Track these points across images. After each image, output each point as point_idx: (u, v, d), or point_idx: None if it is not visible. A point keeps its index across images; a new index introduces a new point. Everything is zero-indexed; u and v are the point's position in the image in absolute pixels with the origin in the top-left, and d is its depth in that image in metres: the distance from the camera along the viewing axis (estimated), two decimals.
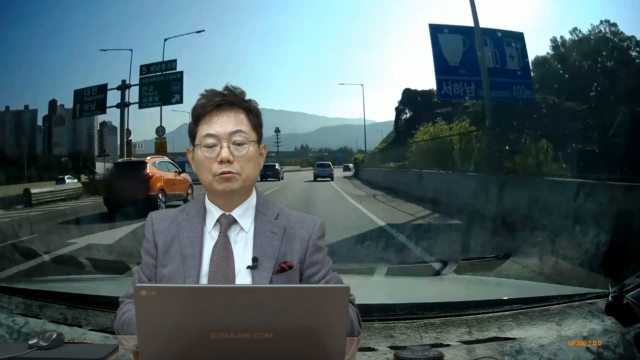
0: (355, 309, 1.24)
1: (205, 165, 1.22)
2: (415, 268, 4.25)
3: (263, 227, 1.24)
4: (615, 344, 1.43)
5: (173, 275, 1.21)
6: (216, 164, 1.20)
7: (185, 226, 1.25)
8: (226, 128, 1.21)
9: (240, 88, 1.26)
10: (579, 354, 1.39)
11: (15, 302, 1.85)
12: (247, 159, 1.22)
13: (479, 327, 1.57)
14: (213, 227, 1.24)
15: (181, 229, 1.25)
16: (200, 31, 14.81)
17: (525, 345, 1.44)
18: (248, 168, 1.22)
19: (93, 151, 20.08)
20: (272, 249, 1.22)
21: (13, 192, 12.38)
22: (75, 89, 14.09)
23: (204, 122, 1.22)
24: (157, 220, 1.28)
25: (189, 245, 1.22)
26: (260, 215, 1.26)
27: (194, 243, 1.23)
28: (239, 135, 1.21)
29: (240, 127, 1.22)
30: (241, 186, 1.22)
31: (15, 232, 7.07)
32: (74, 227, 8.29)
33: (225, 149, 1.20)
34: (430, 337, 1.54)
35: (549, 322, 1.57)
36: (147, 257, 1.27)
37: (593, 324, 1.53)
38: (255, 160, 1.25)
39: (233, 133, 1.21)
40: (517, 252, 4.59)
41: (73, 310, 1.74)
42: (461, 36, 11.30)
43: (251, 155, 1.23)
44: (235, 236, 1.24)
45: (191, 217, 1.26)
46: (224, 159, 1.19)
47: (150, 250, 1.26)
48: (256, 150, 1.25)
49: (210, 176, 1.21)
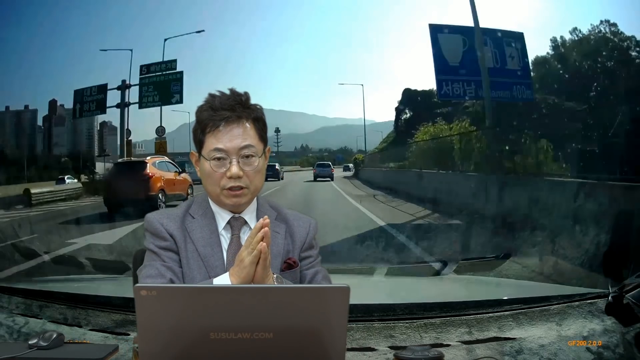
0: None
1: (213, 178, 1.21)
2: (415, 268, 4.25)
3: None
4: (615, 344, 1.43)
5: (196, 276, 1.20)
6: (225, 179, 1.20)
7: (195, 227, 1.24)
8: (235, 143, 1.19)
9: (244, 93, 1.24)
10: (579, 354, 1.39)
11: (15, 302, 1.85)
12: (256, 171, 1.22)
13: (479, 327, 1.57)
14: (223, 229, 1.25)
15: (191, 231, 1.24)
16: (200, 31, 14.78)
17: (525, 345, 1.44)
18: (256, 180, 1.23)
19: (93, 151, 20.07)
20: (277, 247, 1.23)
21: (13, 192, 12.37)
22: (75, 89, 14.08)
23: (212, 135, 1.20)
24: (164, 220, 1.25)
25: (207, 246, 1.22)
26: (262, 214, 1.26)
27: (213, 244, 1.22)
28: (248, 150, 1.20)
29: (249, 142, 1.21)
30: (250, 199, 1.24)
31: (15, 232, 7.06)
32: (74, 227, 8.28)
33: (235, 165, 1.19)
34: (430, 337, 1.53)
35: (549, 322, 1.57)
36: (170, 253, 1.22)
37: (593, 324, 1.53)
38: (263, 170, 1.26)
39: (242, 148, 1.20)
40: (517, 252, 4.60)
41: (73, 310, 1.73)
42: (461, 36, 11.30)
43: (260, 168, 1.23)
44: (244, 236, 1.24)
45: (198, 220, 1.26)
46: (234, 175, 1.19)
47: (171, 247, 1.22)
48: (264, 160, 1.25)
49: (218, 189, 1.21)
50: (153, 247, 1.23)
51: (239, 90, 1.26)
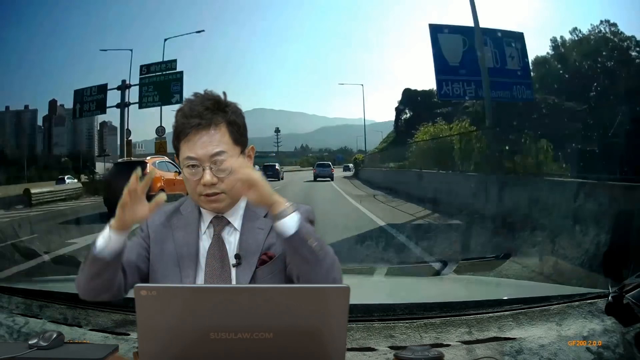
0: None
1: (190, 184, 1.21)
2: (415, 268, 4.24)
3: (251, 224, 1.25)
4: (615, 344, 1.43)
5: (168, 274, 1.21)
6: (200, 185, 1.19)
7: (180, 226, 1.26)
8: (207, 150, 1.17)
9: (216, 96, 1.22)
10: (579, 354, 1.39)
11: (15, 302, 1.85)
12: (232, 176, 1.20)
13: (479, 327, 1.57)
14: (207, 228, 1.25)
15: (175, 229, 1.25)
16: (200, 31, 14.83)
17: (525, 345, 1.43)
18: (234, 183, 1.19)
19: (93, 151, 20.08)
20: (256, 243, 1.23)
21: (13, 192, 12.38)
22: (75, 89, 14.10)
23: (185, 142, 1.19)
24: (153, 214, 1.25)
25: (184, 246, 1.23)
26: (250, 213, 1.27)
27: (190, 244, 1.23)
28: (220, 156, 1.18)
29: (222, 148, 1.18)
30: (229, 203, 1.23)
31: (15, 232, 7.07)
32: (74, 227, 8.28)
33: (207, 173, 1.18)
34: (430, 337, 1.53)
35: (549, 322, 1.57)
36: (139, 239, 1.26)
37: (593, 324, 1.53)
38: None
39: (214, 154, 1.18)
40: (517, 252, 4.59)
41: (73, 310, 1.73)
42: (461, 36, 11.31)
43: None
44: (229, 236, 1.25)
45: (186, 217, 1.27)
46: (207, 182, 1.18)
47: (143, 236, 1.26)
48: (241, 162, 1.21)
49: (196, 195, 1.21)
50: (137, 229, 1.27)
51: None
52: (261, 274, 1.20)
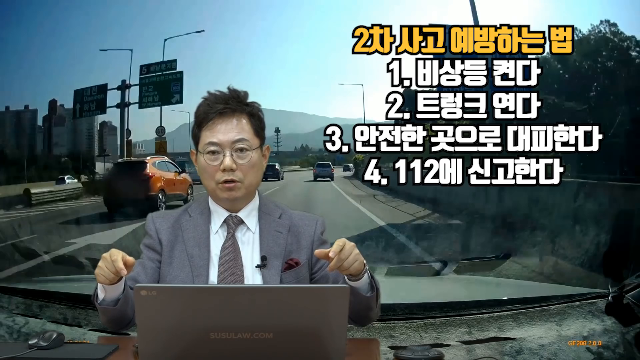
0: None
1: (208, 172, 1.23)
2: (415, 268, 4.24)
3: (268, 226, 1.26)
4: (615, 344, 1.43)
5: (179, 275, 1.21)
6: (219, 172, 1.21)
7: (189, 227, 1.26)
8: (229, 136, 1.21)
9: (242, 90, 1.27)
10: (579, 354, 1.39)
11: (15, 302, 1.85)
12: (250, 165, 1.23)
13: (479, 327, 1.57)
14: (220, 228, 1.26)
15: (185, 230, 1.26)
16: (200, 31, 14.75)
17: (525, 345, 1.44)
18: (251, 175, 1.23)
19: (93, 151, 20.03)
20: (278, 247, 1.24)
21: (13, 192, 12.34)
22: (75, 89, 14.02)
23: (207, 129, 1.22)
24: (158, 219, 1.29)
25: (195, 246, 1.23)
26: (265, 215, 1.28)
27: (201, 244, 1.24)
28: (241, 143, 1.21)
29: (243, 135, 1.22)
30: (244, 193, 1.24)
31: (15, 232, 7.05)
32: (74, 227, 8.26)
33: (228, 158, 1.20)
34: (430, 337, 1.53)
35: (549, 322, 1.57)
36: (150, 252, 1.27)
37: (593, 324, 1.53)
38: (258, 165, 1.26)
39: (236, 141, 1.21)
40: (517, 252, 4.58)
41: (73, 310, 1.73)
42: None
43: (254, 162, 1.23)
44: (242, 236, 1.25)
45: (195, 218, 1.27)
46: (227, 167, 1.20)
47: (154, 246, 1.26)
48: (259, 155, 1.25)
49: (214, 183, 1.22)
50: (142, 244, 1.28)
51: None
52: (287, 278, 1.21)
